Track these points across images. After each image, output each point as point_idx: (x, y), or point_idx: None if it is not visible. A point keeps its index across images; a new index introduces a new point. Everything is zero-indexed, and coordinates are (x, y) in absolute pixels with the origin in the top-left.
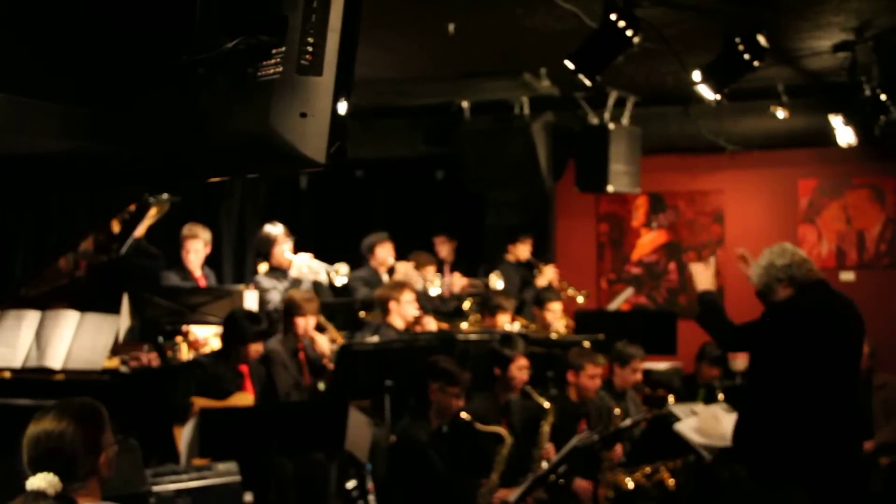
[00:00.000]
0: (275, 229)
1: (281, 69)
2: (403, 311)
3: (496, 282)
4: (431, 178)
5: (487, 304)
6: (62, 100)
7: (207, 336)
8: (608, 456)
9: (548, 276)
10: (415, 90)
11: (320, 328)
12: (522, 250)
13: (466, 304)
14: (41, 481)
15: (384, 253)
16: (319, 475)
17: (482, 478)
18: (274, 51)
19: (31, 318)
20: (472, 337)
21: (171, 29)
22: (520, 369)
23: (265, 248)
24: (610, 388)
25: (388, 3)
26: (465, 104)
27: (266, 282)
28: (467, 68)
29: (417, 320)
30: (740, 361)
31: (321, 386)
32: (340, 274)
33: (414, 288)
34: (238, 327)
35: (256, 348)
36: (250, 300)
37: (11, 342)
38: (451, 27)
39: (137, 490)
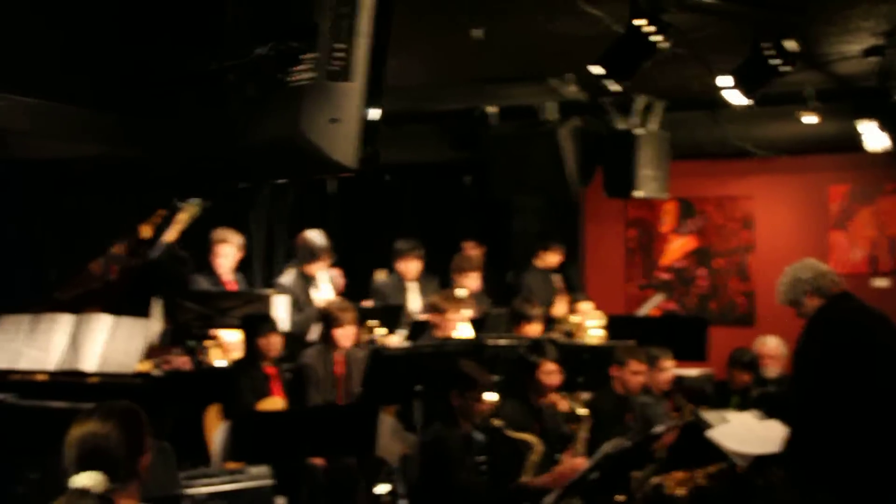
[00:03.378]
0: (321, 242)
1: (311, 75)
2: (445, 328)
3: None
4: (458, 183)
5: (514, 315)
6: (95, 106)
7: (236, 340)
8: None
9: (560, 309)
10: (441, 95)
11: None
12: (552, 258)
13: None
14: (87, 479)
15: (403, 268)
16: (350, 480)
17: (511, 484)
18: (304, 57)
19: (65, 321)
20: (502, 343)
21: (201, 36)
22: (548, 374)
23: (305, 258)
24: (650, 393)
25: (414, 10)
26: (491, 109)
27: (291, 284)
28: (494, 74)
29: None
30: (772, 368)
31: None
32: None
33: (465, 305)
34: (250, 323)
35: (270, 342)
36: (279, 305)
37: (46, 345)
38: (478, 33)
39: (170, 493)
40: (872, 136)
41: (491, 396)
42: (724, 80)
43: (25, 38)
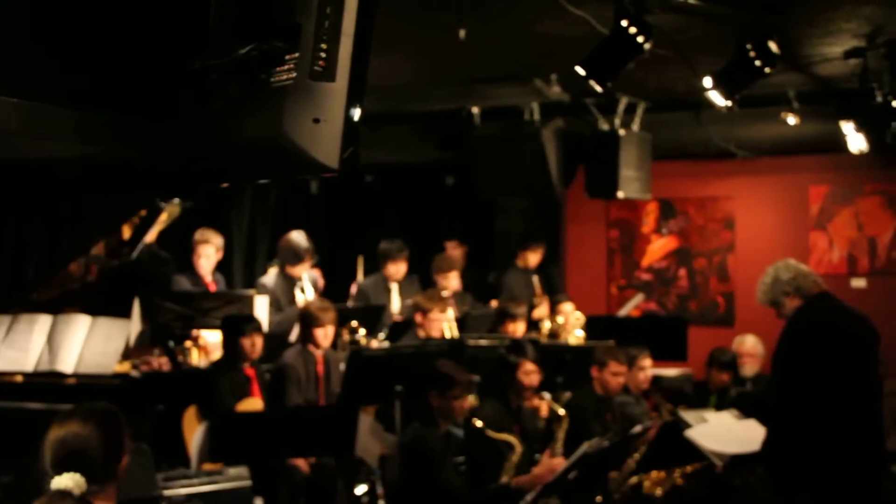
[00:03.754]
0: (304, 244)
1: (294, 75)
2: (429, 327)
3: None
4: (441, 183)
5: (499, 313)
6: (77, 106)
7: (217, 341)
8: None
9: (541, 312)
10: (425, 96)
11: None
12: (532, 258)
13: None
14: (68, 481)
15: (391, 270)
16: (329, 480)
17: (492, 484)
18: (287, 57)
19: (43, 322)
20: (483, 343)
21: (184, 36)
22: (527, 374)
23: (288, 260)
24: (629, 394)
25: (399, 9)
26: (475, 110)
27: (272, 284)
28: (478, 74)
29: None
30: (749, 367)
31: None
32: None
33: (447, 304)
34: (233, 323)
35: (251, 342)
36: (260, 305)
37: (23, 346)
38: (462, 33)
39: (149, 494)
40: (855, 137)
41: (469, 397)
42: (708, 82)
43: (10, 38)
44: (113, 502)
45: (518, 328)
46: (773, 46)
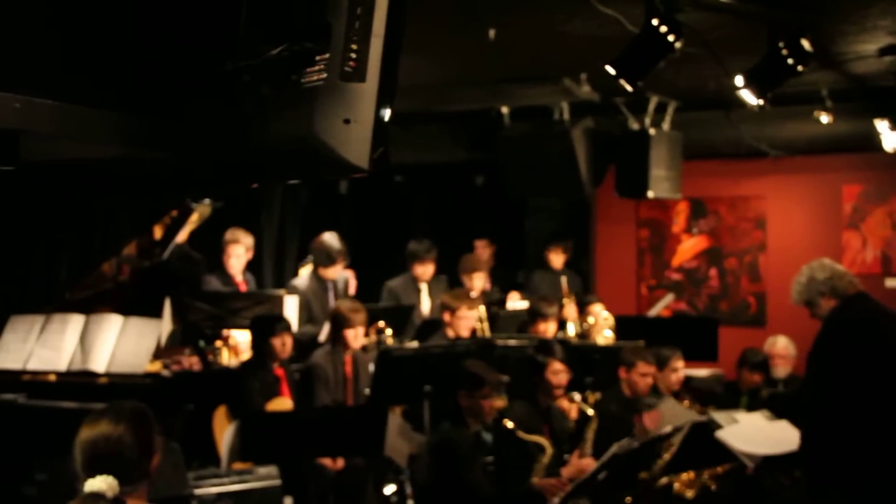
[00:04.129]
0: (336, 246)
1: (325, 76)
2: (457, 326)
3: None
4: (471, 183)
5: (530, 312)
6: (111, 107)
7: (247, 341)
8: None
9: (568, 312)
10: (455, 96)
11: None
12: (556, 258)
13: None
14: (101, 484)
15: (420, 271)
16: (358, 480)
17: (522, 485)
18: (318, 57)
19: (76, 321)
20: (512, 343)
21: (216, 37)
22: (555, 374)
23: (321, 261)
24: (659, 394)
25: (428, 10)
26: (504, 110)
27: (304, 285)
28: (507, 74)
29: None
30: (781, 369)
31: None
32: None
33: (475, 303)
34: (263, 323)
35: (281, 342)
36: (290, 305)
37: (56, 345)
38: (492, 33)
39: (179, 493)
40: (889, 135)
41: (499, 397)
42: (740, 80)
43: (46, 42)
44: (145, 501)
45: (549, 328)
46: (806, 44)
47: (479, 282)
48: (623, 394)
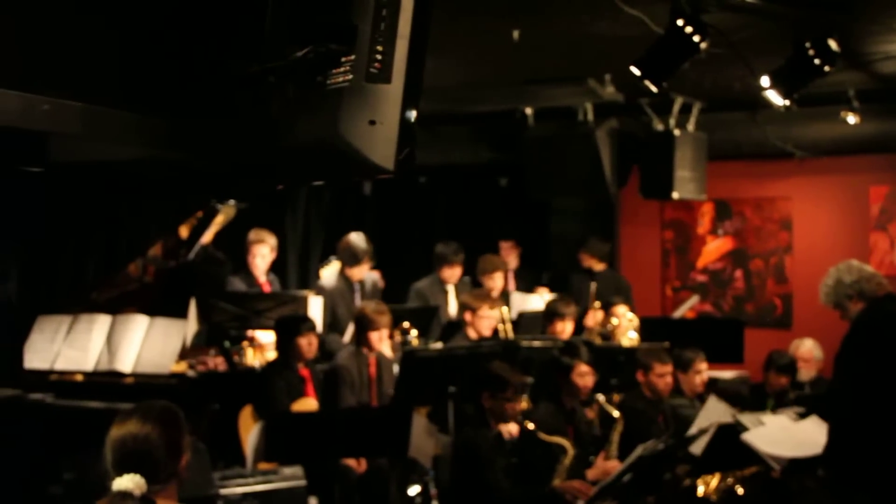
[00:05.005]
0: (362, 246)
1: (350, 77)
2: (479, 325)
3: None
4: (495, 184)
5: (547, 312)
6: (138, 108)
7: (272, 341)
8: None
9: (595, 318)
10: (479, 97)
11: None
12: (593, 261)
13: None
14: (128, 482)
15: (447, 273)
16: (382, 481)
17: (543, 487)
18: (343, 59)
19: (102, 322)
20: (536, 344)
21: (241, 38)
22: (581, 376)
23: (347, 261)
24: (682, 396)
25: (452, 11)
26: (528, 111)
27: (331, 284)
28: (531, 75)
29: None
30: (806, 372)
31: None
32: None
33: (496, 302)
34: (288, 323)
35: (307, 342)
36: (315, 306)
37: (83, 346)
38: (516, 34)
39: (205, 493)
40: None
41: (522, 398)
42: (766, 81)
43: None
44: (175, 500)
45: (566, 327)
46: (833, 44)
47: (499, 282)
48: (644, 396)
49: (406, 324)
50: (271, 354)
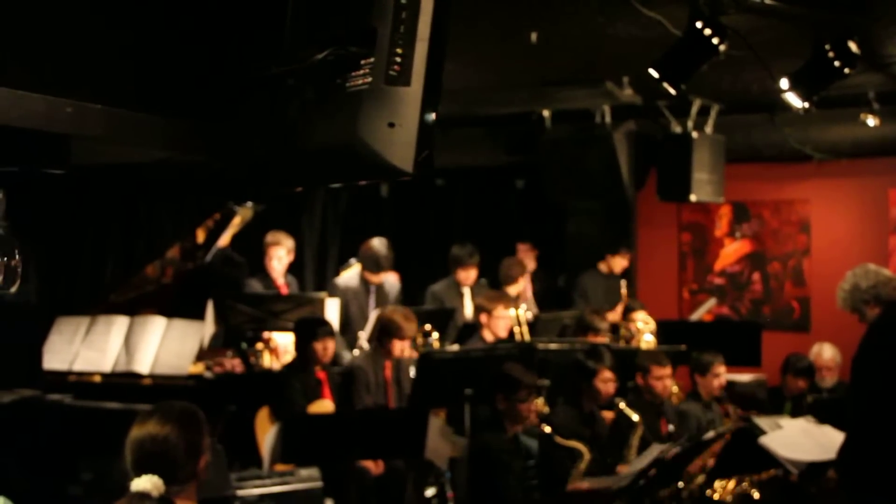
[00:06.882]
0: (384, 252)
1: (370, 80)
2: (494, 326)
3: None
4: (512, 187)
5: (581, 325)
6: (157, 111)
7: (289, 343)
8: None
9: (615, 316)
10: (496, 99)
11: None
12: (619, 263)
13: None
14: (146, 483)
15: (462, 276)
16: (399, 483)
17: (555, 490)
18: (363, 61)
19: (120, 323)
20: (553, 347)
21: (261, 41)
22: (604, 382)
23: (368, 266)
24: (697, 399)
25: (470, 13)
26: (546, 113)
27: (352, 284)
28: (549, 77)
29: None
30: (828, 379)
31: None
32: None
33: (511, 302)
34: (306, 327)
35: (323, 346)
36: (331, 308)
37: (101, 347)
38: (534, 36)
39: (222, 494)
40: None
41: (538, 400)
42: (785, 83)
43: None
44: (194, 501)
45: (600, 341)
46: (853, 46)
47: (520, 288)
48: (644, 400)
49: (428, 326)
50: (288, 356)
